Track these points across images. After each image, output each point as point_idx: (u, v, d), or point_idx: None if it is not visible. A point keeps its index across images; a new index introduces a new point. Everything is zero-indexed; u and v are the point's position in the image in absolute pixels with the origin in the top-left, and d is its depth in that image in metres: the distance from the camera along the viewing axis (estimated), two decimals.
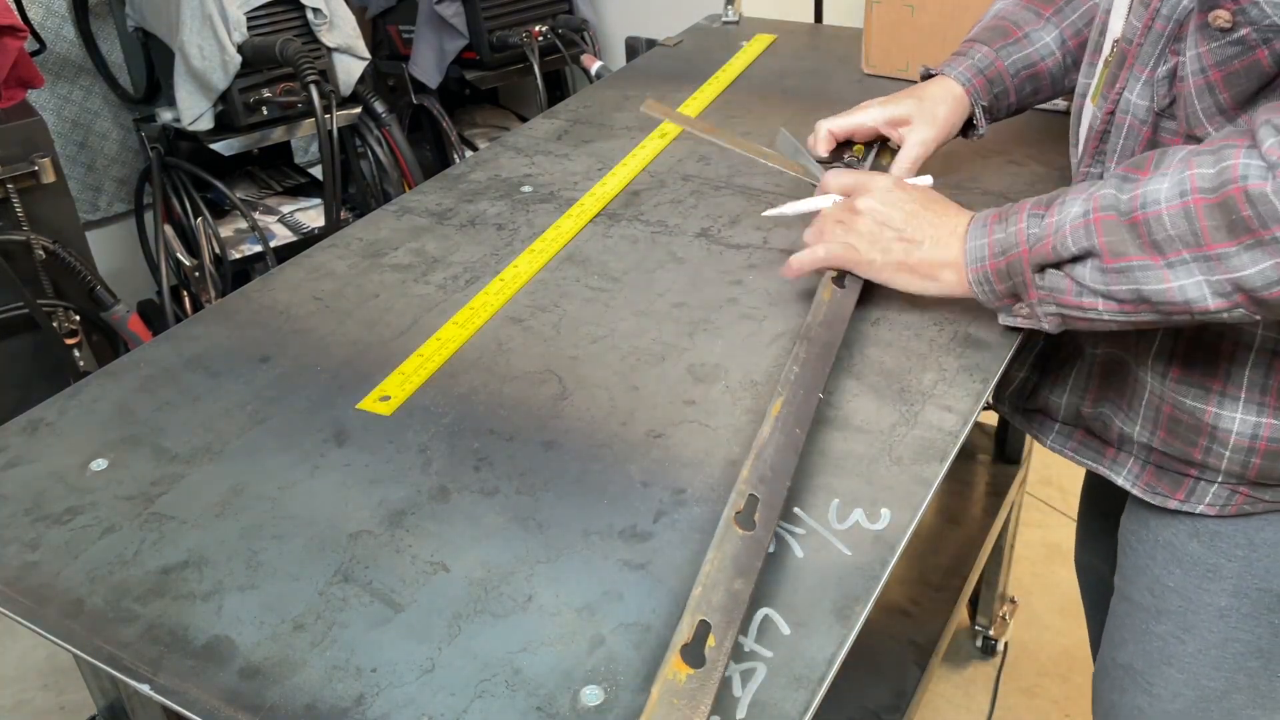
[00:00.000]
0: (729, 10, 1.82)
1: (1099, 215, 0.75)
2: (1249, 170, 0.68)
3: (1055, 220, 0.79)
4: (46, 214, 1.96)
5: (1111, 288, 0.76)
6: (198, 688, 0.66)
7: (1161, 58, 0.81)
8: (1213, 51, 0.75)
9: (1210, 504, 0.90)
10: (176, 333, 1.02)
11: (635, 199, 1.23)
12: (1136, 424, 0.92)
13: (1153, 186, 0.73)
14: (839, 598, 0.70)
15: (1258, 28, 0.72)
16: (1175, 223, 0.71)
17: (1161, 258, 0.73)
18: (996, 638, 1.91)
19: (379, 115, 2.28)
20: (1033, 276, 0.81)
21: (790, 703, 0.63)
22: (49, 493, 0.83)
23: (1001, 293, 0.85)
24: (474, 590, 0.72)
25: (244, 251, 2.24)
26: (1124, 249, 0.74)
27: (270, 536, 0.77)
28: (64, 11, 2.39)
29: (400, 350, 0.97)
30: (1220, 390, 0.85)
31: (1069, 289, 0.79)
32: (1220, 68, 0.75)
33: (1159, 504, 0.93)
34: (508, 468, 0.83)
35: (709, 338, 0.97)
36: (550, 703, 0.64)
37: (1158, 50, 0.81)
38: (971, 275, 0.86)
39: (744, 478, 0.75)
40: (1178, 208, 0.71)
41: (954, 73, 1.11)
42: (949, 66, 1.12)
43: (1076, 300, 0.79)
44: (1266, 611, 0.91)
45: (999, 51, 1.10)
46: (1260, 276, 0.69)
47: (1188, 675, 0.96)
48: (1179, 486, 0.91)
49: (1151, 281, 0.74)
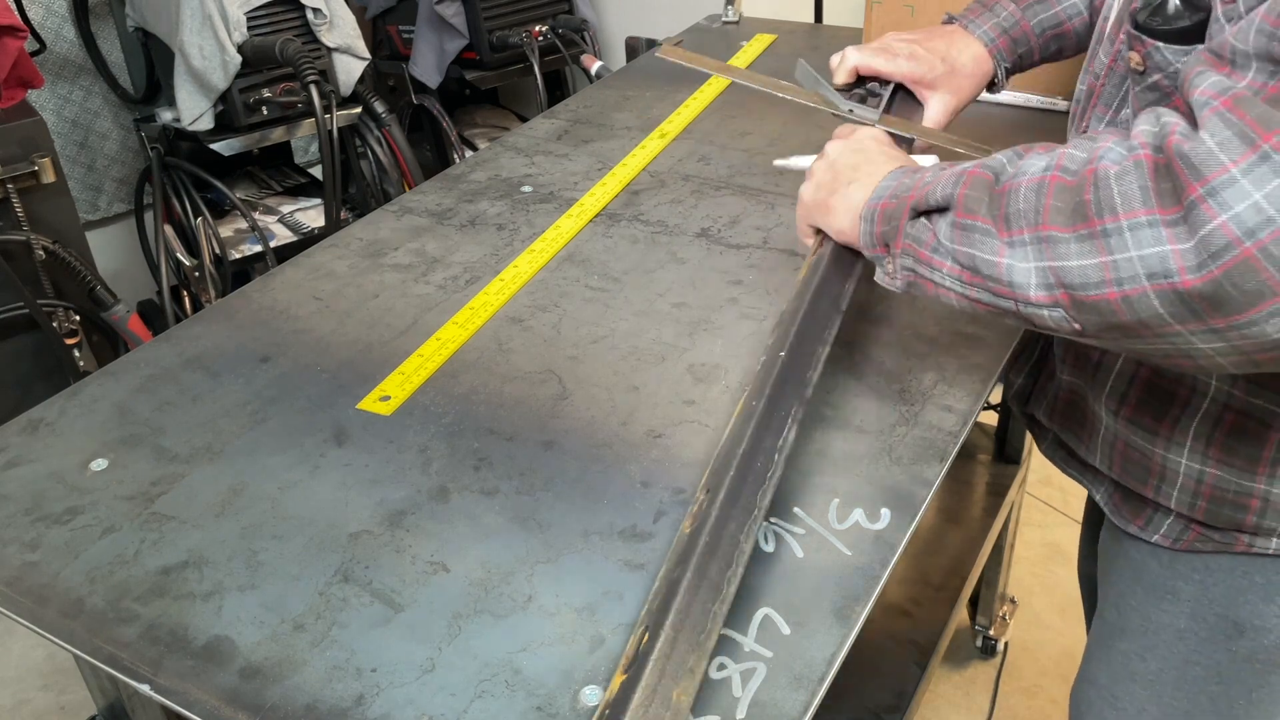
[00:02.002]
0: (729, 10, 1.82)
1: (976, 170, 0.71)
2: (1109, 153, 0.62)
3: (948, 173, 0.74)
4: (46, 214, 1.96)
5: (956, 247, 0.71)
6: (198, 688, 0.66)
7: (1123, 101, 0.79)
8: (1138, 95, 0.73)
9: (1165, 535, 0.88)
10: (176, 333, 1.02)
11: (635, 199, 1.23)
12: (1095, 455, 0.91)
13: (1032, 160, 0.68)
14: (839, 598, 0.70)
15: (1166, 73, 0.70)
16: (1027, 197, 0.66)
17: (1006, 232, 0.67)
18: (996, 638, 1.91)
19: (379, 115, 2.28)
20: (906, 223, 0.75)
21: (790, 703, 0.63)
22: (49, 493, 0.83)
23: (877, 237, 0.79)
24: (474, 590, 0.72)
25: (244, 251, 2.24)
26: (976, 208, 0.69)
27: (270, 536, 0.77)
28: (64, 11, 2.39)
29: (400, 350, 0.97)
30: (1167, 435, 0.83)
31: (928, 242, 0.73)
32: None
33: (1122, 526, 0.92)
34: (508, 468, 0.83)
35: (709, 338, 0.97)
36: (550, 703, 0.64)
37: (1120, 92, 0.79)
38: (864, 210, 0.80)
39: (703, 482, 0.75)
40: (1035, 181, 0.65)
41: (979, 31, 1.08)
42: (975, 23, 1.08)
43: (929, 256, 0.73)
44: (1224, 639, 0.88)
45: (1025, 11, 1.07)
46: (1080, 272, 0.62)
47: (1151, 693, 0.95)
48: (1139, 513, 0.90)
49: (986, 250, 0.68)
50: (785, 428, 0.75)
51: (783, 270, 1.07)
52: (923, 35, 1.09)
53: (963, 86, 1.08)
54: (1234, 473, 0.81)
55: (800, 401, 0.78)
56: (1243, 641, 0.88)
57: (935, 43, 1.08)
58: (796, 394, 0.78)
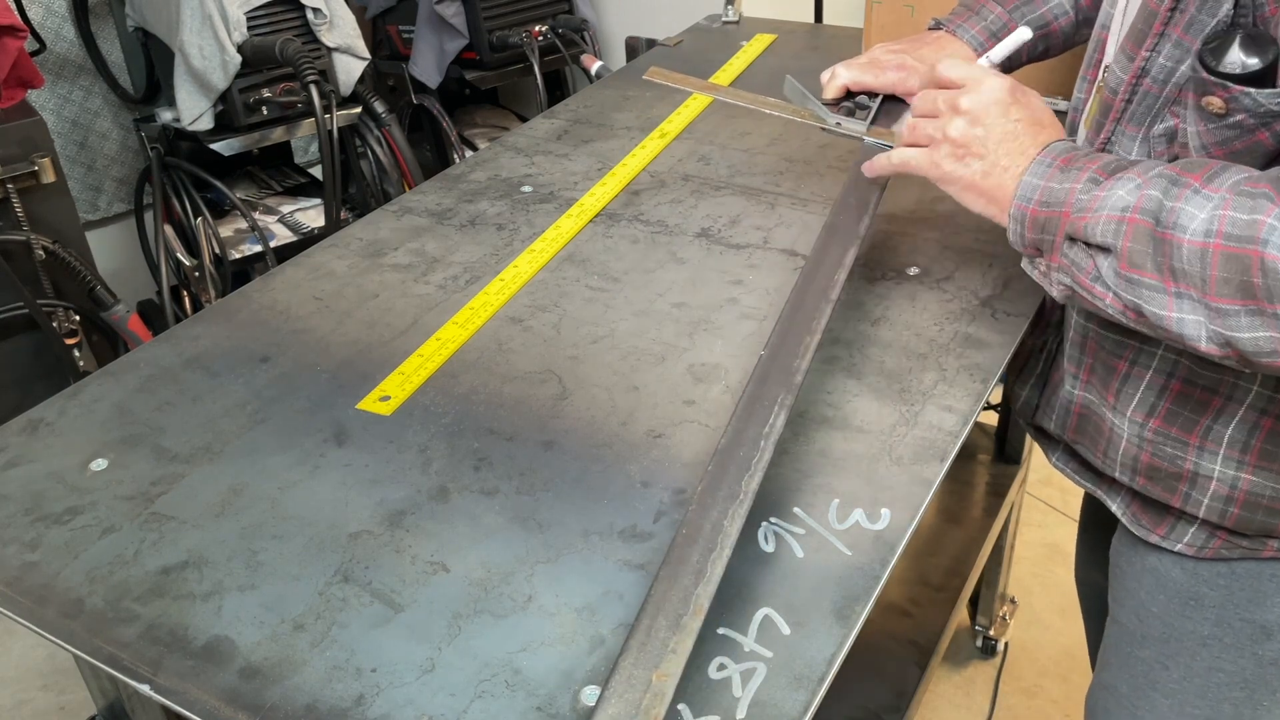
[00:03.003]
0: (729, 10, 1.82)
1: (1136, 217, 0.70)
2: (1273, 234, 0.64)
3: (1104, 195, 0.73)
4: (46, 214, 1.96)
5: (1120, 292, 0.72)
6: (198, 688, 0.66)
7: (1158, 118, 0.77)
8: (1211, 132, 0.72)
9: (1189, 544, 0.88)
10: (176, 333, 1.02)
11: (635, 199, 1.23)
12: (1115, 469, 0.90)
13: (1191, 208, 0.68)
14: (839, 598, 0.70)
15: (1253, 114, 0.69)
16: (1191, 260, 0.67)
17: (1174, 283, 0.69)
18: (996, 638, 1.91)
19: (379, 115, 2.28)
20: (1062, 242, 0.76)
21: (790, 703, 0.63)
22: (49, 493, 0.83)
23: (1030, 241, 0.79)
24: (474, 590, 0.72)
25: (244, 251, 2.24)
26: (1142, 262, 0.70)
27: (270, 536, 0.77)
28: (64, 11, 2.39)
29: (400, 350, 0.97)
30: (1199, 445, 0.83)
31: (1088, 270, 0.74)
32: (1221, 146, 0.72)
33: (1143, 536, 0.91)
34: (508, 468, 0.83)
35: (709, 338, 0.97)
36: (550, 703, 0.64)
37: (1153, 111, 0.78)
38: (1013, 209, 0.79)
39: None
40: (1198, 246, 0.67)
41: (966, 35, 1.09)
42: (962, 28, 1.09)
43: (1090, 284, 0.74)
44: (1250, 642, 0.88)
45: (1013, 12, 1.08)
46: (1253, 343, 0.66)
47: (1173, 701, 0.94)
48: (1160, 522, 0.89)
49: (1155, 304, 0.70)
50: (771, 415, 0.76)
51: (782, 270, 1.07)
52: (910, 44, 1.09)
53: None
54: (1272, 477, 0.81)
55: (787, 389, 0.78)
56: (1270, 645, 0.87)
57: (924, 50, 1.08)
58: (783, 381, 0.79)
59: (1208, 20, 0.71)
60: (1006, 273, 1.05)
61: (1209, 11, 0.71)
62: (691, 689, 0.64)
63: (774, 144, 1.35)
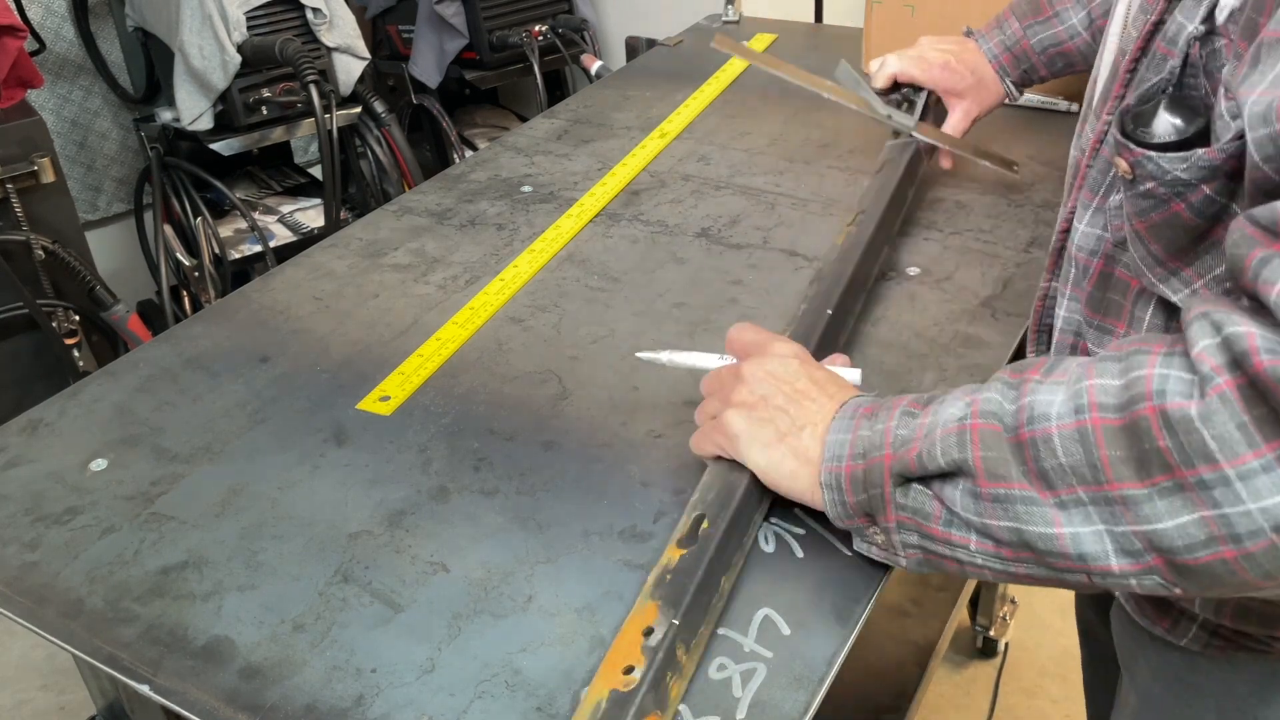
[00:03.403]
0: (729, 10, 1.82)
1: (978, 423, 0.60)
2: (1166, 383, 0.52)
3: (928, 422, 0.63)
4: (46, 214, 1.96)
5: (987, 520, 0.59)
6: (197, 688, 0.66)
7: (1113, 186, 0.68)
8: (1129, 201, 0.63)
9: (1194, 640, 0.79)
10: (176, 333, 1.02)
11: (635, 199, 1.23)
12: None
13: (1043, 396, 0.57)
14: (839, 598, 0.70)
15: (1161, 181, 0.59)
16: (1068, 448, 0.55)
17: (1050, 493, 0.56)
18: (997, 638, 1.91)
19: (379, 115, 2.28)
20: (893, 491, 0.64)
21: (790, 703, 0.63)
22: (49, 493, 0.83)
23: (853, 507, 0.67)
24: (474, 590, 0.72)
25: (244, 251, 2.24)
26: (1004, 470, 0.58)
27: (270, 536, 0.77)
28: (64, 11, 2.39)
29: (400, 350, 0.97)
30: None
31: (936, 514, 0.62)
32: (1140, 218, 0.62)
33: (1146, 627, 0.82)
34: (508, 468, 0.83)
35: (709, 338, 0.97)
36: (550, 703, 0.64)
37: (1107, 179, 0.69)
38: (824, 476, 0.68)
39: None
40: (1070, 428, 0.55)
41: (985, 46, 1.16)
42: (984, 38, 1.17)
43: (944, 532, 0.62)
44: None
45: (1027, 29, 1.13)
46: (1179, 533, 0.52)
47: None
48: (1165, 615, 0.81)
49: (1036, 522, 0.57)
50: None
51: (782, 270, 1.07)
52: (957, 46, 1.17)
53: (985, 98, 1.17)
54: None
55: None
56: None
57: (966, 55, 1.16)
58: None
59: (1152, 78, 0.63)
60: (1006, 273, 1.05)
61: (1155, 70, 0.63)
62: (691, 689, 0.64)
63: (774, 144, 1.35)
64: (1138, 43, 0.65)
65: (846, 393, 0.73)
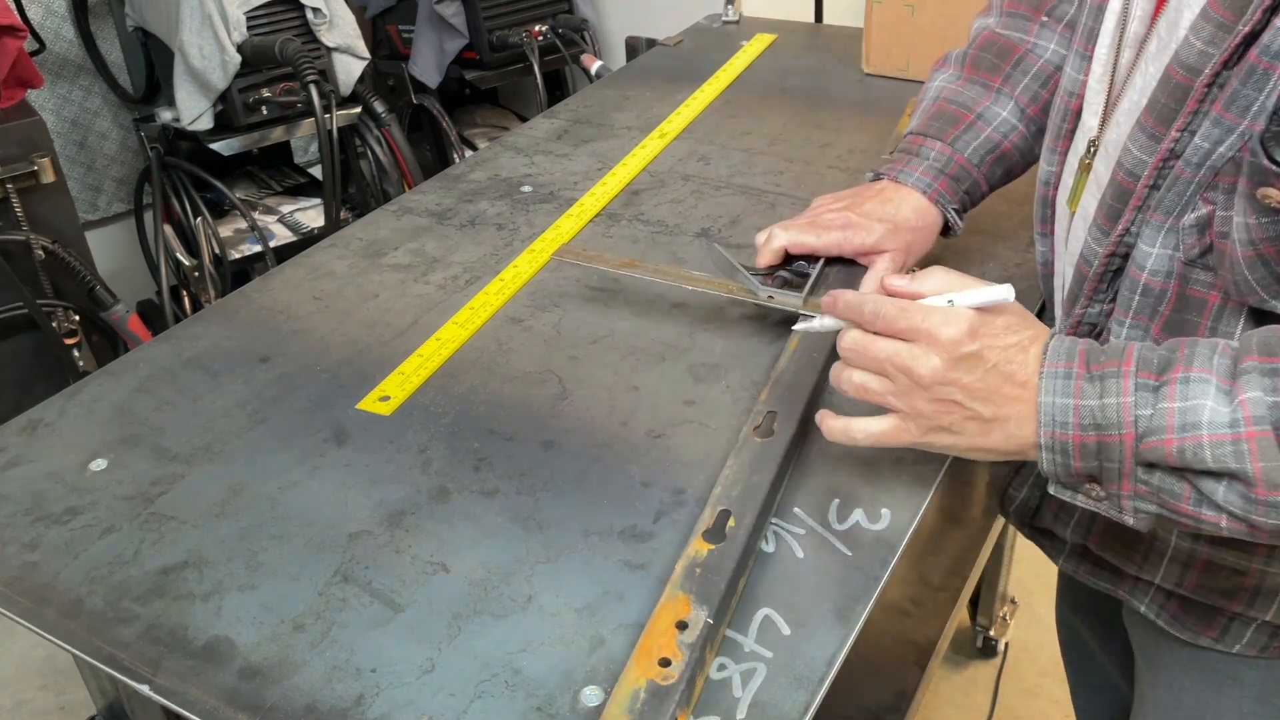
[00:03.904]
0: (729, 10, 1.82)
1: (1253, 431, 0.58)
2: None
3: (1179, 408, 0.60)
4: (46, 214, 1.96)
5: (1254, 517, 0.60)
6: (197, 688, 0.66)
7: (1190, 205, 0.66)
8: (1263, 226, 0.61)
9: (1249, 644, 0.78)
10: (176, 333, 1.02)
11: (635, 199, 1.23)
12: (1157, 574, 0.80)
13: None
14: (839, 598, 0.70)
15: None
16: None
17: None
18: (997, 638, 1.91)
19: (379, 115, 2.28)
20: (1134, 468, 0.62)
21: (790, 703, 0.63)
22: (49, 493, 0.83)
23: (1079, 471, 0.65)
24: (474, 590, 0.72)
25: (244, 251, 2.24)
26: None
27: (270, 536, 0.77)
28: (64, 11, 2.39)
29: (400, 350, 0.97)
30: (1266, 554, 0.74)
31: (1185, 495, 0.62)
32: (1274, 243, 0.61)
33: (1188, 639, 0.81)
34: (508, 468, 0.83)
35: (709, 338, 0.97)
36: (550, 703, 0.64)
37: (1184, 198, 0.66)
38: (1044, 438, 0.65)
39: (763, 399, 0.82)
40: None
41: (911, 180, 0.97)
42: (904, 173, 0.97)
43: (1193, 510, 0.62)
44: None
45: (954, 144, 0.97)
46: None
47: None
48: (1210, 624, 0.80)
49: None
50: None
51: None
52: (853, 199, 0.98)
53: (911, 242, 0.96)
54: None
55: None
56: None
57: (869, 205, 0.97)
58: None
59: (1254, 95, 0.61)
60: (1006, 273, 1.05)
61: (1255, 86, 0.61)
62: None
63: (774, 144, 1.35)
64: (1222, 55, 0.61)
65: (1033, 335, 0.67)
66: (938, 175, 0.97)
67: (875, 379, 0.70)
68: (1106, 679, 1.20)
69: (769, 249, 0.96)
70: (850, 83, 1.54)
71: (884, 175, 0.99)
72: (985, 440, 0.67)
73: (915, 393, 0.67)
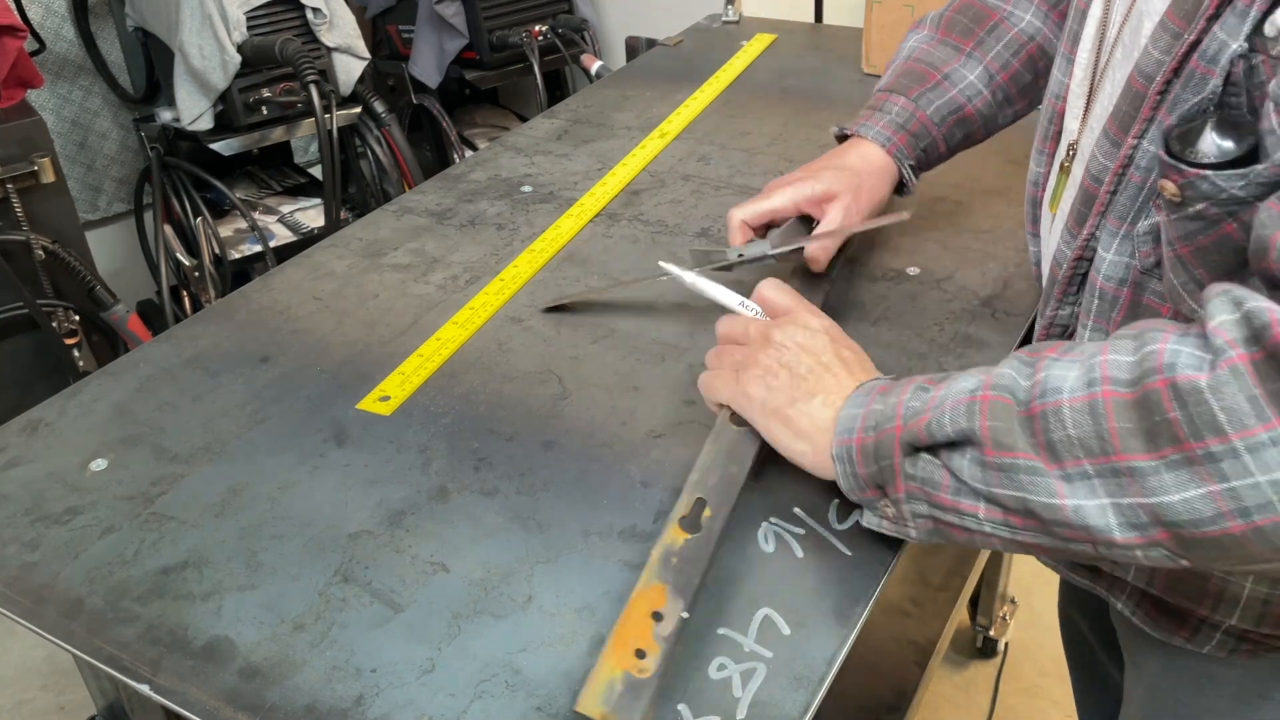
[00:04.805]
0: (729, 10, 1.82)
1: (989, 395, 0.60)
2: (1178, 357, 0.52)
3: (940, 395, 0.64)
4: (46, 214, 1.96)
5: (994, 489, 0.60)
6: (197, 688, 0.66)
7: (1143, 211, 0.67)
8: (1174, 225, 0.62)
9: (1219, 646, 0.78)
10: (176, 333, 1.02)
11: (635, 199, 1.23)
12: (1128, 574, 0.80)
13: (1057, 372, 0.58)
14: (839, 598, 0.70)
15: (1215, 201, 0.58)
16: (1077, 420, 0.55)
17: (1056, 464, 0.57)
18: (997, 638, 1.91)
19: (379, 115, 2.28)
20: (902, 461, 0.65)
21: (790, 703, 0.63)
22: (49, 493, 0.83)
23: (864, 479, 0.68)
24: (474, 590, 0.72)
25: (244, 251, 2.24)
26: (1011, 440, 0.58)
27: (270, 536, 0.77)
28: (64, 11, 2.39)
29: (400, 350, 0.97)
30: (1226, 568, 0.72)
31: (944, 484, 0.63)
32: (1186, 242, 0.61)
33: (1162, 639, 0.80)
34: (508, 468, 0.83)
35: (709, 338, 0.97)
36: (550, 703, 0.64)
37: (1137, 204, 0.67)
38: (836, 449, 0.69)
39: None
40: (1081, 400, 0.55)
41: (871, 133, 0.99)
42: (865, 126, 1.00)
43: (953, 500, 0.63)
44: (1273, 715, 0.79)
45: (918, 100, 0.98)
46: (1186, 507, 0.52)
47: None
48: (1183, 624, 0.79)
49: (1040, 492, 0.57)
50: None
51: (781, 270, 1.07)
52: (806, 168, 1.01)
53: (863, 185, 0.97)
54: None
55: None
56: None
57: (823, 162, 1.00)
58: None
59: (1190, 98, 0.61)
60: (1006, 272, 1.05)
61: (1193, 90, 0.61)
62: (691, 689, 0.64)
63: (774, 144, 1.35)
64: (1171, 64, 0.62)
65: (868, 373, 0.74)
66: (897, 130, 0.98)
67: (734, 347, 0.79)
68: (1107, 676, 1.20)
69: (733, 227, 0.99)
70: (850, 83, 1.54)
71: (849, 131, 1.02)
72: (789, 407, 0.73)
73: (765, 350, 0.75)
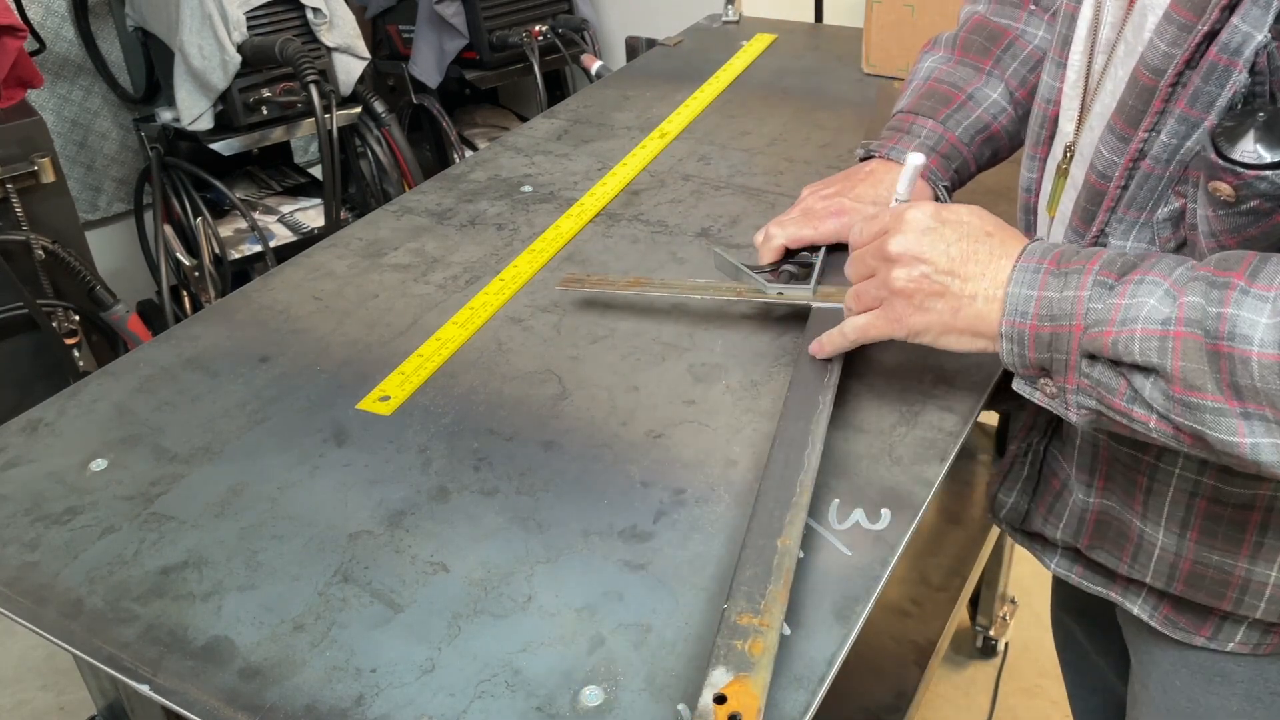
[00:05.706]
0: (729, 10, 1.82)
1: (1181, 330, 0.61)
2: None
3: (1125, 304, 0.63)
4: (46, 214, 1.96)
5: (1174, 417, 0.62)
6: (197, 688, 0.66)
7: (1162, 199, 0.69)
8: (1220, 218, 0.64)
9: (1242, 643, 0.79)
10: (176, 333, 1.02)
11: (635, 199, 1.23)
12: (1147, 573, 0.80)
13: (1246, 314, 0.58)
14: (839, 598, 0.70)
15: (1269, 197, 0.60)
16: (1265, 377, 0.57)
17: (1239, 403, 0.59)
18: (996, 638, 1.91)
19: (379, 115, 2.28)
20: (1079, 361, 0.66)
21: (790, 703, 0.63)
22: (49, 493, 0.83)
23: (1032, 362, 0.69)
24: (474, 590, 0.72)
25: (244, 251, 2.24)
26: (1200, 382, 0.60)
27: (270, 536, 0.77)
28: (64, 11, 2.39)
29: (400, 350, 0.97)
30: (1250, 554, 0.74)
31: (1120, 391, 0.64)
32: (1234, 234, 0.64)
33: (1182, 639, 0.81)
34: (508, 468, 0.83)
35: (709, 338, 0.97)
36: (550, 703, 0.64)
37: (1156, 194, 0.69)
38: (1005, 327, 0.69)
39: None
40: (1272, 359, 0.57)
41: (900, 156, 0.98)
42: (894, 149, 0.99)
43: (1126, 407, 0.64)
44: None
45: (945, 122, 0.98)
46: None
47: None
48: (1204, 623, 0.80)
49: (1221, 429, 0.60)
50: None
51: None
52: (843, 183, 1.00)
53: None
54: None
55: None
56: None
57: (861, 188, 0.98)
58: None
59: (1216, 91, 0.63)
60: None
61: (1217, 83, 0.62)
62: (692, 689, 0.64)
63: (774, 144, 1.35)
64: (1183, 55, 0.63)
65: (1015, 242, 0.71)
66: (929, 153, 0.98)
67: (867, 284, 0.77)
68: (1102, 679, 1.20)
69: (769, 248, 0.98)
70: (850, 83, 1.54)
71: (874, 154, 1.01)
72: (955, 320, 0.72)
73: (891, 274, 0.73)
